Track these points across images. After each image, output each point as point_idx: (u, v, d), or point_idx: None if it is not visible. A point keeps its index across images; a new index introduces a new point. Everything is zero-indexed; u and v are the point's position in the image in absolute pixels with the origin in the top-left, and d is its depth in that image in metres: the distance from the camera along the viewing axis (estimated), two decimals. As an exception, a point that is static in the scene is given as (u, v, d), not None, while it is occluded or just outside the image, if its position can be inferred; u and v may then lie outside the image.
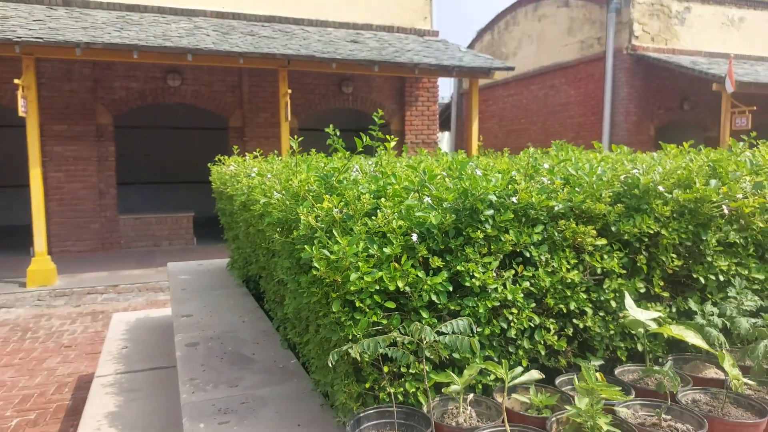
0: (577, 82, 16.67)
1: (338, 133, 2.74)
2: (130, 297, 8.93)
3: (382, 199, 1.64)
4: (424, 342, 1.42)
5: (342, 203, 1.60)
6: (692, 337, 1.61)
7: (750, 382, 1.65)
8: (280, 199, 1.85)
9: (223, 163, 4.31)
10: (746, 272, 1.96)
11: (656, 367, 1.66)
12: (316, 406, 2.02)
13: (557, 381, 1.75)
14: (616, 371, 1.85)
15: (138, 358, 4.05)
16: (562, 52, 16.97)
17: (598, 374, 1.47)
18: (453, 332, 1.38)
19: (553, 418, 1.50)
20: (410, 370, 1.62)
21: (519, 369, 1.47)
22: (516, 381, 1.46)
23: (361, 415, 1.53)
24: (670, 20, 15.13)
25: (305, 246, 1.52)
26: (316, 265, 1.50)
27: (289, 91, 9.83)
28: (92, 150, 11.42)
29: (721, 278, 1.92)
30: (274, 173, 2.53)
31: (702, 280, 1.91)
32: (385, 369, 1.58)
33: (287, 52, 9.63)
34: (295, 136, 2.62)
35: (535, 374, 1.48)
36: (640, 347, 1.88)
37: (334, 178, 1.76)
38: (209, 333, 2.91)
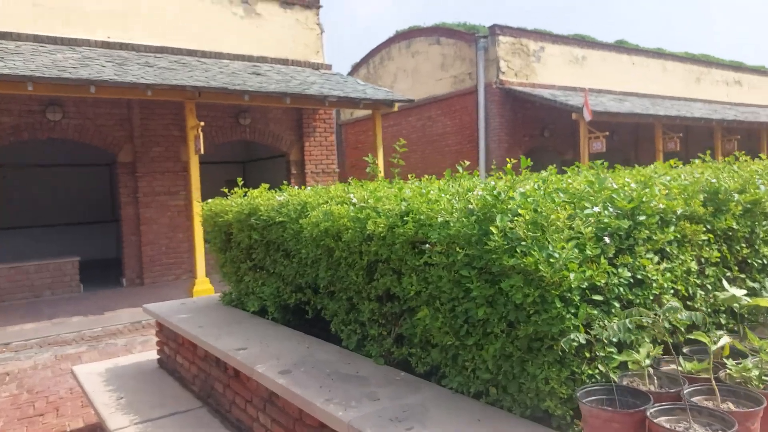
0: (452, 113, 18.03)
1: (375, 161, 2.98)
2: (32, 354, 7.97)
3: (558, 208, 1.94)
4: (663, 320, 1.75)
5: (537, 215, 1.87)
6: (784, 305, 2.12)
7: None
8: (458, 216, 2.07)
9: (228, 197, 4.24)
10: (777, 256, 2.57)
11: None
12: (476, 405, 2.23)
13: (685, 350, 2.18)
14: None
15: (146, 407, 3.80)
16: (437, 85, 18.28)
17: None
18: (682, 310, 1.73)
19: (719, 374, 1.91)
20: (599, 353, 1.92)
21: (716, 338, 1.86)
22: (719, 345, 1.84)
23: (585, 390, 1.81)
24: (529, 58, 17.11)
25: (528, 252, 1.78)
26: (541, 268, 1.76)
27: (202, 123, 9.56)
28: (-46, 193, 10.03)
29: (765, 262, 2.51)
30: (377, 198, 2.69)
31: (756, 264, 2.48)
32: (587, 354, 1.88)
33: (197, 84, 9.41)
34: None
35: (726, 338, 1.87)
36: (721, 320, 2.38)
37: (505, 196, 2.03)
38: (287, 360, 2.92)
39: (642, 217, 2.04)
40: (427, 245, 2.25)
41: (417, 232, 2.31)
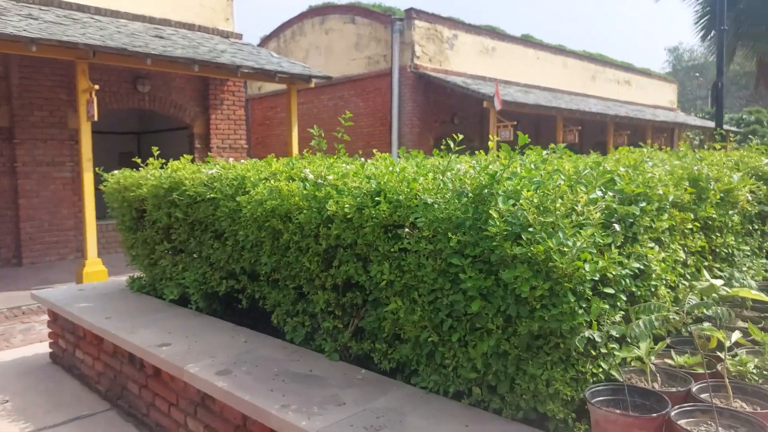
0: (366, 94, 17.76)
1: (321, 133, 2.73)
2: None
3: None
4: (686, 313, 1.59)
5: (544, 198, 1.66)
6: (764, 296, 2.09)
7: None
8: (449, 198, 1.80)
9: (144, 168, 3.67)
10: (737, 245, 2.57)
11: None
12: (457, 406, 2.00)
13: (669, 341, 2.10)
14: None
15: (40, 411, 3.22)
16: (351, 65, 17.89)
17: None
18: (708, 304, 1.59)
19: (717, 368, 1.83)
20: (601, 351, 1.76)
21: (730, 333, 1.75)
22: (732, 340, 1.73)
23: (591, 391, 1.64)
24: (443, 44, 17.20)
25: (536, 240, 1.55)
26: (555, 258, 1.54)
27: (96, 87, 8.55)
28: None
29: (729, 251, 2.50)
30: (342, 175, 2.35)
31: (723, 253, 2.45)
32: (593, 352, 1.70)
33: (92, 42, 8.37)
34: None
35: (738, 333, 1.77)
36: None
37: (501, 175, 1.80)
38: (224, 358, 2.53)
39: (643, 203, 1.90)
40: (406, 229, 1.97)
41: (392, 215, 2.03)
